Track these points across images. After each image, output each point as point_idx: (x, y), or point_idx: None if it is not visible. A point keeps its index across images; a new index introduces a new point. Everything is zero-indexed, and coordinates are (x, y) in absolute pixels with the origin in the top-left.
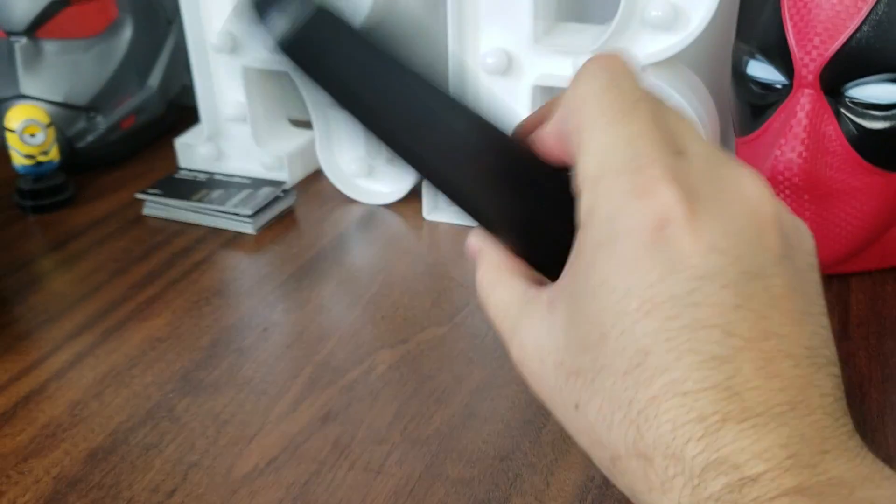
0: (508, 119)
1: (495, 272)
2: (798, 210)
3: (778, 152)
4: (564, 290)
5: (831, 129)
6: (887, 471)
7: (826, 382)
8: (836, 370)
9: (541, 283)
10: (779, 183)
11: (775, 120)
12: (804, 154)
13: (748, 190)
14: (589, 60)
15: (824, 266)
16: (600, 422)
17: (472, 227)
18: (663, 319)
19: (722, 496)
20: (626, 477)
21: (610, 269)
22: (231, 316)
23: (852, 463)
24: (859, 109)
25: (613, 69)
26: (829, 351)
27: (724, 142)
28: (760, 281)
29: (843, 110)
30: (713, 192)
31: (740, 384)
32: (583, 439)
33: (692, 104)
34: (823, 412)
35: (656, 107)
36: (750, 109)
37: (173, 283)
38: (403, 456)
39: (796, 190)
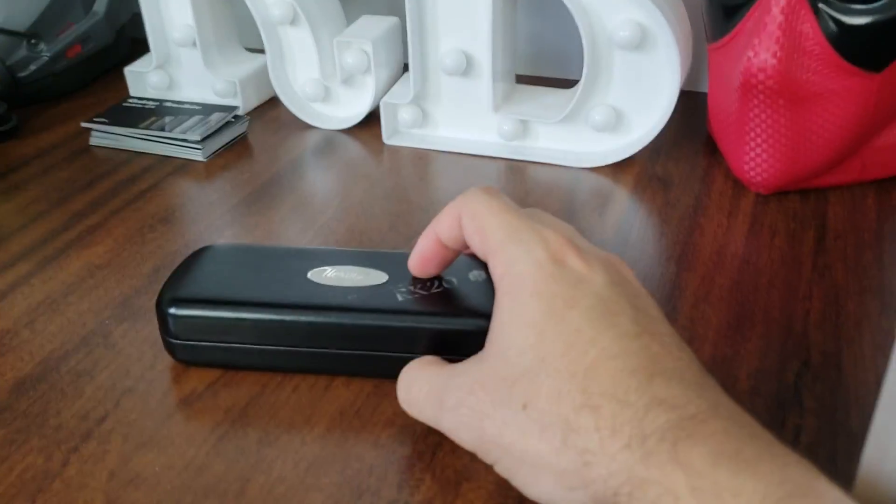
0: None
1: (415, 369)
2: (773, 117)
3: (751, 53)
4: (493, 328)
5: (808, 26)
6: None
7: (714, 380)
8: None
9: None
10: (752, 87)
11: (749, 19)
12: (779, 54)
13: (606, 252)
14: (471, 189)
15: (800, 180)
16: (550, 402)
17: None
18: (585, 309)
19: (664, 428)
20: (578, 440)
21: (535, 285)
22: (175, 242)
23: (761, 428)
24: (839, 3)
25: (492, 191)
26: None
27: (697, 49)
28: (640, 301)
29: (821, 5)
30: (584, 248)
31: (654, 355)
32: (531, 440)
33: (662, 9)
34: (726, 396)
35: (529, 210)
36: (722, 10)
37: (117, 211)
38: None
39: (771, 94)
